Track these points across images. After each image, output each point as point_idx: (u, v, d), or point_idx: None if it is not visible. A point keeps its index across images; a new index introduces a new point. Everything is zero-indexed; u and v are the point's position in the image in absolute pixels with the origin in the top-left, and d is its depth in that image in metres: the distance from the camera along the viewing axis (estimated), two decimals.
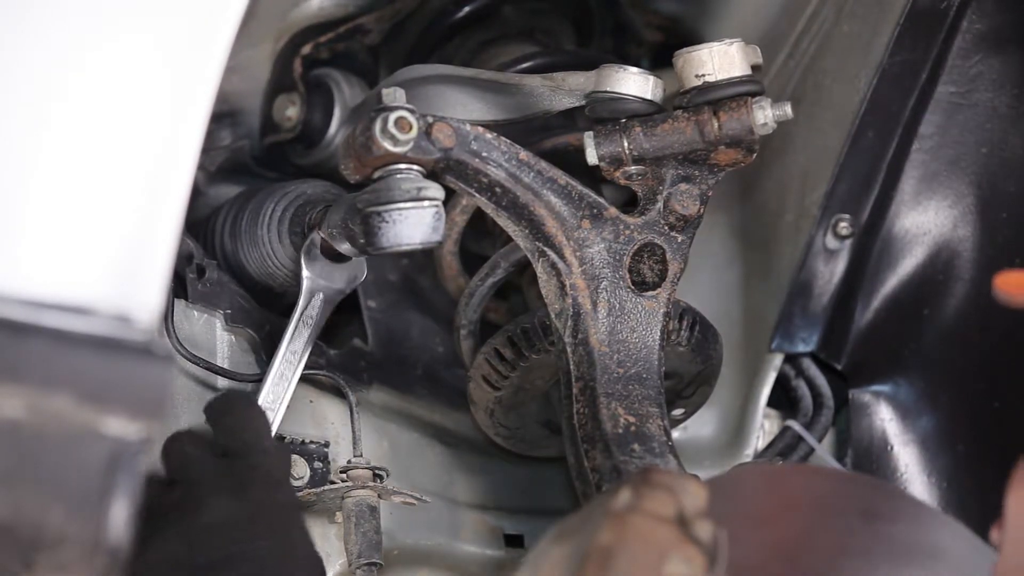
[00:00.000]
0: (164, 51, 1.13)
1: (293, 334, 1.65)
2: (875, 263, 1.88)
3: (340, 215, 1.59)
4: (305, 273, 1.65)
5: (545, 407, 1.82)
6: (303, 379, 1.76)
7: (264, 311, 1.72)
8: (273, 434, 1.60)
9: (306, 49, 1.86)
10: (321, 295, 1.66)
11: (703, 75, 1.60)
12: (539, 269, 1.61)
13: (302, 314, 1.66)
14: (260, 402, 1.63)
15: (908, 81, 1.80)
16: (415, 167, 1.47)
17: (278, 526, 1.38)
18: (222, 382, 1.66)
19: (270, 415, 1.62)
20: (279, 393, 1.64)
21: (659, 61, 2.04)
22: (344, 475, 1.68)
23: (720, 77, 1.60)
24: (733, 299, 2.01)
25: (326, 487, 1.67)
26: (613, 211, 1.60)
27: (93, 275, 1.08)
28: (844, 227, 1.88)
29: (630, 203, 1.65)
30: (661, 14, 2.07)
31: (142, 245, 1.10)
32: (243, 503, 1.38)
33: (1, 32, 1.09)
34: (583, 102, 1.64)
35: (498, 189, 1.55)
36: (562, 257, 1.59)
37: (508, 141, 1.55)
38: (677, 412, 1.84)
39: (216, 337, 1.71)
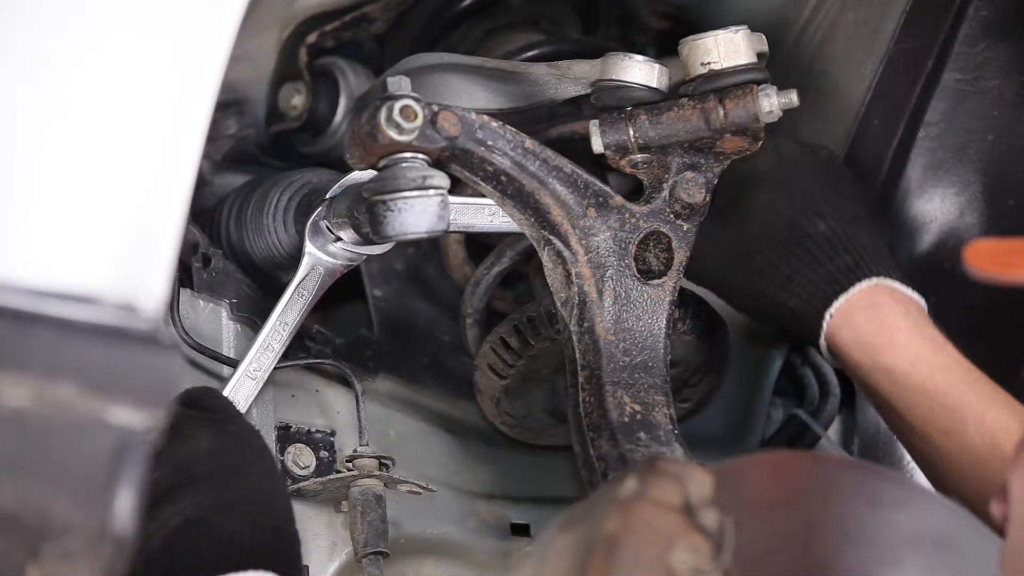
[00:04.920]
0: (170, 39, 1.13)
1: (286, 304, 1.65)
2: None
3: (346, 204, 1.59)
4: (308, 247, 1.65)
5: (551, 396, 1.82)
6: (309, 368, 1.76)
7: (270, 300, 1.71)
8: (249, 404, 1.62)
9: (312, 38, 1.86)
10: (321, 269, 1.66)
11: (709, 63, 1.60)
12: (545, 258, 1.61)
13: (298, 285, 1.65)
14: (242, 370, 1.63)
15: (914, 68, 1.80)
16: (420, 156, 1.47)
17: (262, 457, 1.46)
18: (227, 371, 1.65)
19: (252, 384, 1.62)
20: (263, 363, 1.64)
21: (665, 49, 2.04)
22: (350, 464, 1.68)
23: (726, 65, 1.60)
24: None
25: (332, 476, 1.67)
26: (619, 199, 1.60)
27: (98, 264, 1.08)
28: None
29: (636, 191, 1.65)
30: (667, 2, 2.07)
31: (147, 234, 1.10)
32: (227, 436, 1.45)
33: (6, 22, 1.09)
34: (589, 90, 1.63)
35: (503, 178, 1.54)
36: (568, 245, 1.59)
37: (513, 129, 1.54)
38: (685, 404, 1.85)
39: (222, 326, 1.71)
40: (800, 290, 1.67)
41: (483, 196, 1.60)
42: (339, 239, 1.64)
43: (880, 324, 1.64)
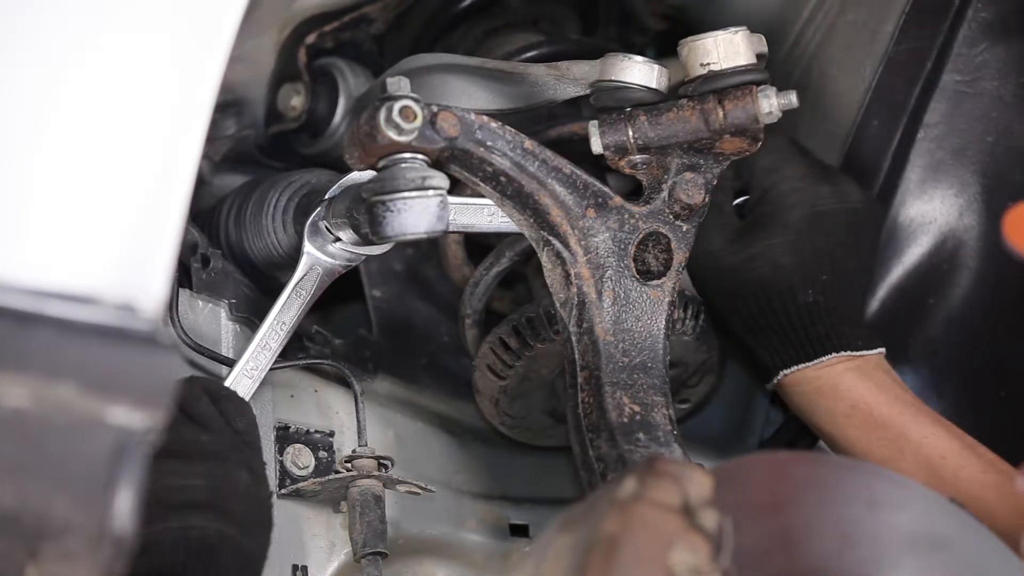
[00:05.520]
0: (169, 40, 1.13)
1: (284, 304, 1.65)
2: (880, 252, 1.87)
3: (345, 204, 1.59)
4: (306, 247, 1.65)
5: (550, 396, 1.82)
6: (308, 368, 1.76)
7: (269, 301, 1.71)
8: (249, 398, 1.62)
9: (311, 38, 1.86)
10: (319, 269, 1.66)
11: (708, 64, 1.60)
12: (544, 258, 1.61)
13: (296, 285, 1.65)
14: (239, 369, 1.63)
15: (913, 70, 1.80)
16: (420, 156, 1.47)
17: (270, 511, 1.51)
18: (226, 371, 1.65)
19: (249, 383, 1.62)
20: (260, 363, 1.64)
21: (664, 50, 2.04)
22: (349, 464, 1.68)
23: (725, 66, 1.60)
24: None
25: (331, 476, 1.67)
26: (618, 200, 1.60)
27: (98, 264, 1.08)
28: None
29: (635, 192, 1.65)
30: (666, 3, 2.07)
31: (147, 234, 1.10)
32: (259, 484, 1.49)
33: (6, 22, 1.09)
34: (588, 91, 1.64)
35: (503, 178, 1.54)
36: (567, 246, 1.59)
37: (513, 130, 1.54)
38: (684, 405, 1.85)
39: (221, 326, 1.71)
40: (769, 345, 1.70)
41: (482, 196, 1.60)
42: (338, 239, 1.64)
43: (825, 381, 1.68)
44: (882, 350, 1.70)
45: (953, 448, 1.63)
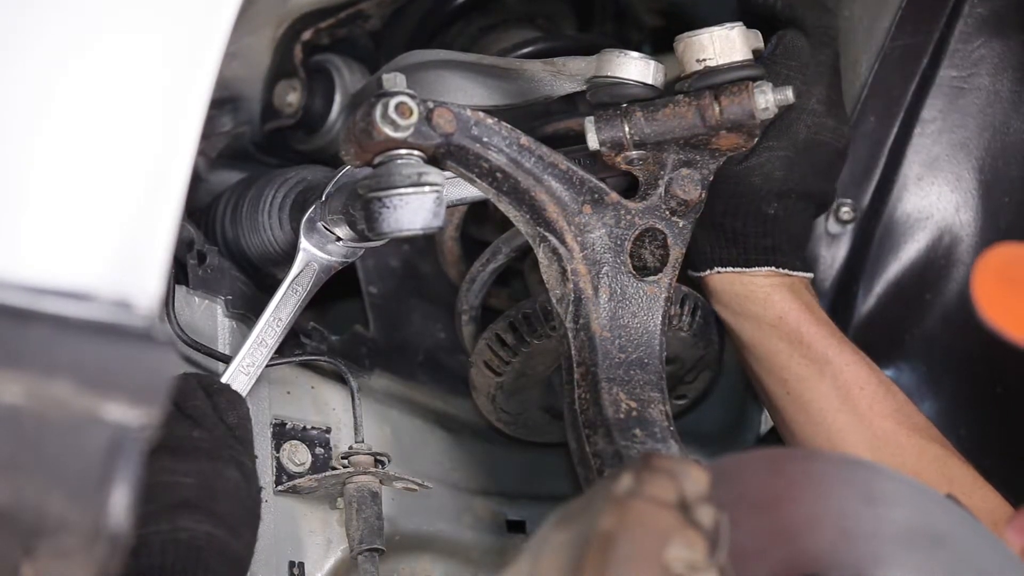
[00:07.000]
0: (164, 37, 1.13)
1: (280, 300, 1.65)
2: (877, 248, 1.88)
3: (341, 201, 1.59)
4: (302, 243, 1.64)
5: (547, 393, 1.82)
6: (304, 365, 1.76)
7: (265, 297, 1.71)
8: (245, 394, 1.62)
9: (307, 35, 1.86)
10: (316, 266, 1.65)
11: (704, 60, 1.60)
12: (540, 254, 1.61)
13: (292, 281, 1.65)
14: (235, 365, 1.63)
15: (910, 65, 1.80)
16: (416, 152, 1.47)
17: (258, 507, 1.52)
18: (223, 368, 1.65)
19: (245, 380, 1.62)
20: (256, 359, 1.64)
21: (660, 46, 2.04)
22: (346, 461, 1.68)
23: (721, 61, 1.60)
24: None
25: (328, 473, 1.67)
26: (614, 196, 1.60)
27: (93, 261, 1.08)
28: (846, 212, 1.88)
29: (631, 188, 1.65)
30: None
31: (142, 231, 1.10)
32: (250, 483, 1.50)
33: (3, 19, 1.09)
34: (584, 87, 1.63)
35: (499, 174, 1.54)
36: (563, 242, 1.59)
37: (509, 126, 1.54)
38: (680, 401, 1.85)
39: (217, 323, 1.71)
40: (715, 240, 1.70)
41: None
42: (334, 236, 1.63)
43: (757, 288, 1.69)
44: (811, 275, 1.72)
45: (872, 381, 1.67)
